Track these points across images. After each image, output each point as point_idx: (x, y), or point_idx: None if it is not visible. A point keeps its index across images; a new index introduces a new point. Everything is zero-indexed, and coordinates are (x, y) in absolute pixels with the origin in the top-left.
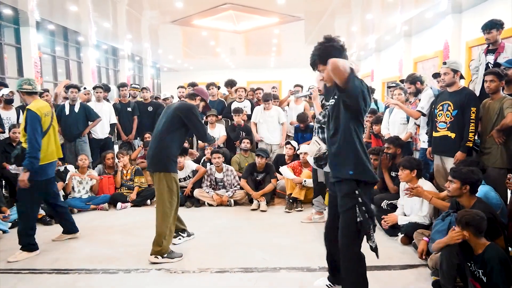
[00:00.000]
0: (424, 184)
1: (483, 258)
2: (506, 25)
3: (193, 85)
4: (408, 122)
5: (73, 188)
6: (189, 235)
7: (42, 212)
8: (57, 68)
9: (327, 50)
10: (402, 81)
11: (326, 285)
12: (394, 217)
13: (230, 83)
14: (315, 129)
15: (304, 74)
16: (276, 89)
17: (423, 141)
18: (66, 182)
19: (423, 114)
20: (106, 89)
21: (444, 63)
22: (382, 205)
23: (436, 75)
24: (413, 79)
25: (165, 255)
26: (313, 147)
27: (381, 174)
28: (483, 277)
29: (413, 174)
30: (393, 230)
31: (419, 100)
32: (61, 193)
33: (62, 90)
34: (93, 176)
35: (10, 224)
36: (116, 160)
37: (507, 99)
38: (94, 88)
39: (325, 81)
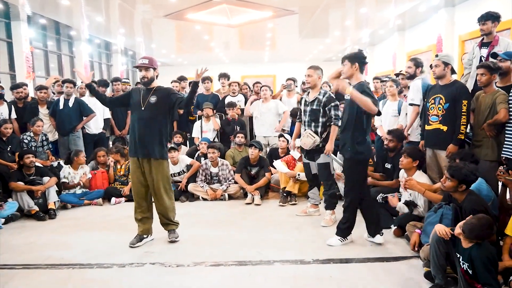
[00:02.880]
0: (421, 176)
1: (470, 255)
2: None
3: (181, 79)
4: (399, 114)
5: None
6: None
7: (35, 208)
8: (49, 63)
9: (356, 56)
10: (397, 74)
11: (339, 240)
12: (395, 200)
13: (225, 75)
14: (304, 122)
15: (299, 68)
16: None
17: (408, 134)
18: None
19: (417, 105)
20: (104, 84)
21: (436, 56)
22: (377, 198)
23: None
24: (419, 63)
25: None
26: (308, 140)
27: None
28: (469, 270)
29: (414, 164)
30: (386, 221)
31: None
32: (55, 188)
33: (50, 85)
34: (85, 182)
35: (3, 220)
36: (109, 159)
37: (500, 94)
38: None
39: (343, 74)
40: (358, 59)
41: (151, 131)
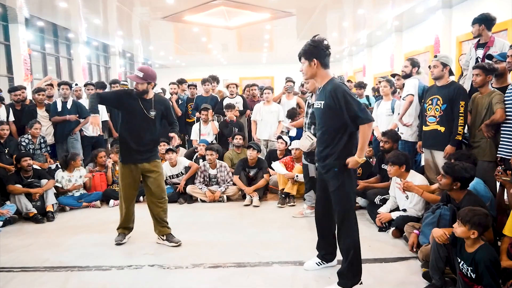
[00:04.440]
0: (415, 177)
1: (474, 258)
2: (497, 19)
3: (180, 82)
4: (393, 114)
5: (62, 187)
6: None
7: (33, 210)
8: (47, 66)
9: (310, 50)
10: (393, 75)
11: (316, 263)
12: (388, 215)
13: (214, 78)
14: (305, 124)
15: (297, 70)
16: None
17: (401, 133)
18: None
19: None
20: (102, 86)
21: (435, 56)
22: (375, 201)
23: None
24: (415, 63)
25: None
26: (306, 142)
27: (376, 168)
28: (472, 274)
29: (402, 169)
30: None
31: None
32: (53, 191)
33: (41, 85)
34: (87, 182)
35: (1, 222)
36: (107, 160)
37: (496, 94)
38: (85, 85)
39: (304, 74)
40: (315, 54)
41: (150, 140)
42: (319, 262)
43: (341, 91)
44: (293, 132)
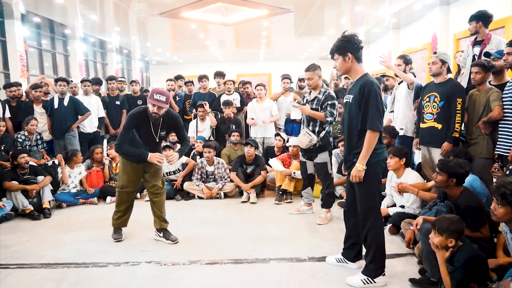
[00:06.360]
0: (411, 174)
1: (452, 260)
2: (494, 17)
3: (177, 78)
4: (386, 109)
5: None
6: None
7: (30, 207)
8: (44, 62)
9: (344, 45)
10: (383, 75)
11: (336, 259)
12: (384, 210)
13: (220, 74)
14: (303, 121)
15: (294, 66)
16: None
17: (400, 129)
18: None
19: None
20: (98, 82)
21: (435, 53)
22: None
23: None
24: (408, 60)
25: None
26: (305, 139)
27: None
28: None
29: (402, 162)
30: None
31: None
32: (50, 187)
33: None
34: (88, 189)
35: None
36: (105, 154)
37: (493, 91)
38: (81, 81)
39: (338, 70)
40: (349, 48)
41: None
42: (339, 259)
43: (369, 88)
44: (295, 115)
